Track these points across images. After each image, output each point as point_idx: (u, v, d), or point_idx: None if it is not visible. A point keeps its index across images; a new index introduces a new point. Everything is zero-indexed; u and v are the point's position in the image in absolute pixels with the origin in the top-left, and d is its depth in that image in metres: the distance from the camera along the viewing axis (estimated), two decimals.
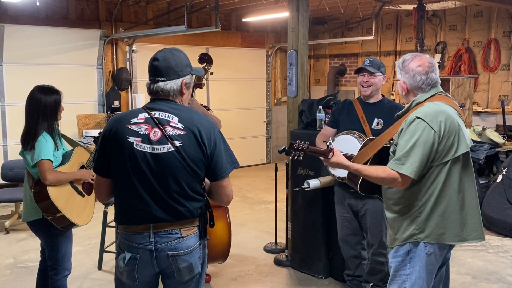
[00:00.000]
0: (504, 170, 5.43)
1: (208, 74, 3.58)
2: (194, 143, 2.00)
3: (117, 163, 2.04)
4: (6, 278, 4.10)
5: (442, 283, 2.57)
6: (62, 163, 2.91)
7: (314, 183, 3.67)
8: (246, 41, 9.01)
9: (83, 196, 3.01)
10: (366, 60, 3.37)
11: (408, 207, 2.34)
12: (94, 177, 2.97)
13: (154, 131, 2.00)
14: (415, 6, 6.88)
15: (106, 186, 2.12)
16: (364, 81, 3.32)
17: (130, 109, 7.64)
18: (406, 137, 2.26)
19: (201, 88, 3.52)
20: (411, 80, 2.38)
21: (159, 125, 2.01)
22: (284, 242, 4.54)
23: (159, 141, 1.99)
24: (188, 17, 6.28)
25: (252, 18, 8.15)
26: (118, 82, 7.47)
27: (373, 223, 3.31)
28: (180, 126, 2.01)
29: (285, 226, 4.43)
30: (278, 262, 4.35)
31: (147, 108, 2.06)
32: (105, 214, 4.20)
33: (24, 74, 6.58)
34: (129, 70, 7.63)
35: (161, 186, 2.00)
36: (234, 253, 4.52)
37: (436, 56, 7.54)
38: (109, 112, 7.16)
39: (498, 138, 5.86)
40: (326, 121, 3.77)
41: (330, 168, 3.30)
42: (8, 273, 4.20)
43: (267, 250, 4.67)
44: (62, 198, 2.83)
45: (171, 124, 2.01)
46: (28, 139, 2.82)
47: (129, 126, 2.02)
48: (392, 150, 2.37)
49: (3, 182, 5.66)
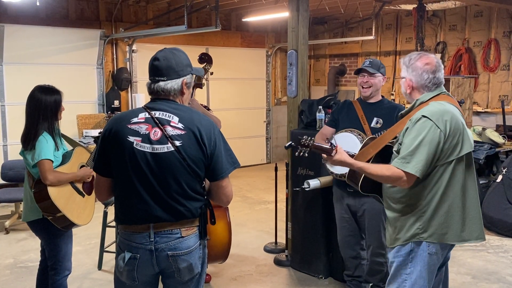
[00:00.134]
0: (504, 170, 5.43)
1: (208, 74, 3.58)
2: (194, 143, 2.00)
3: (117, 163, 2.04)
4: (6, 278, 4.10)
5: (441, 283, 2.57)
6: (62, 163, 2.91)
7: (314, 183, 3.67)
8: (246, 41, 9.01)
9: (83, 196, 3.01)
10: (366, 61, 3.38)
11: (411, 206, 2.33)
12: (92, 175, 2.99)
13: (154, 131, 2.00)
14: (415, 6, 6.88)
15: (106, 185, 2.12)
16: (364, 81, 3.33)
17: (130, 109, 7.64)
18: (412, 135, 2.25)
19: (201, 88, 3.52)
20: (419, 78, 2.37)
21: (159, 124, 2.00)
22: (284, 242, 4.54)
23: (159, 140, 1.99)
24: (188, 17, 6.28)
25: (252, 18, 8.15)
26: (118, 82, 7.47)
27: (371, 224, 3.31)
28: (180, 126, 2.01)
29: (285, 226, 4.43)
30: (278, 262, 4.35)
31: (148, 107, 2.06)
32: (105, 214, 4.20)
33: (24, 74, 6.58)
34: (129, 70, 7.63)
35: (161, 186, 2.00)
36: (234, 253, 4.52)
37: (436, 56, 7.54)
38: (109, 112, 7.16)
39: (498, 138, 5.86)
40: (326, 120, 3.78)
41: (328, 165, 3.30)
42: (8, 273, 4.21)
43: (267, 250, 4.67)
44: (62, 198, 2.83)
45: (171, 124, 2.01)
46: (28, 139, 2.82)
47: (129, 126, 2.02)
48: (396, 149, 2.36)
49: (3, 182, 5.66)
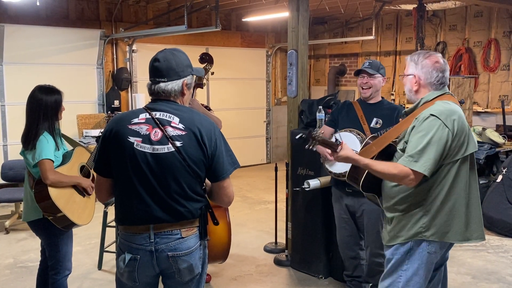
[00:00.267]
0: (504, 170, 5.43)
1: (208, 74, 3.58)
2: (195, 144, 2.00)
3: (117, 163, 2.04)
4: (6, 278, 4.10)
5: (440, 284, 2.57)
6: (62, 163, 2.91)
7: (314, 183, 3.67)
8: (246, 41, 9.01)
9: (84, 196, 3.01)
10: (366, 62, 3.39)
11: (415, 205, 2.33)
12: (93, 186, 2.98)
13: (155, 131, 2.00)
14: (415, 6, 6.88)
15: (106, 186, 2.12)
16: (363, 83, 3.34)
17: (130, 109, 7.65)
18: (420, 134, 2.24)
19: (201, 88, 3.52)
20: (428, 75, 2.37)
21: (160, 125, 2.00)
22: (284, 242, 4.54)
23: (160, 141, 1.99)
24: (188, 17, 6.28)
25: (252, 18, 8.15)
26: (118, 82, 7.47)
27: (370, 224, 3.31)
28: (180, 126, 2.01)
29: (285, 226, 4.43)
30: (278, 262, 4.35)
31: (148, 108, 2.06)
32: (105, 214, 4.20)
33: (24, 74, 6.58)
34: (129, 70, 7.63)
35: (161, 187, 2.00)
36: (234, 253, 4.52)
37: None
38: (109, 112, 7.16)
39: (498, 138, 5.86)
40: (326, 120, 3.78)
41: (327, 164, 3.29)
42: (8, 273, 4.21)
43: (267, 250, 4.67)
44: (63, 198, 2.83)
45: (172, 124, 2.01)
46: (29, 139, 2.82)
47: (129, 126, 2.02)
48: (401, 147, 2.35)
49: (3, 182, 5.67)
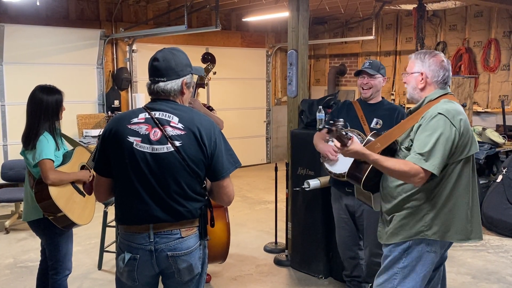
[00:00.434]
0: (504, 170, 5.43)
1: (211, 73, 3.57)
2: (194, 143, 2.00)
3: (117, 163, 2.04)
4: (6, 278, 4.10)
5: (439, 284, 2.57)
6: (62, 163, 2.91)
7: (314, 183, 3.67)
8: (246, 41, 9.01)
9: (84, 195, 3.01)
10: (366, 62, 3.37)
11: (418, 205, 2.32)
12: (92, 175, 2.98)
13: (154, 131, 2.00)
14: (415, 6, 6.88)
15: (106, 185, 2.12)
16: (364, 83, 3.32)
17: (130, 109, 7.65)
18: (428, 132, 2.23)
19: (204, 87, 3.52)
20: (436, 73, 2.37)
21: (159, 125, 2.00)
22: (284, 242, 4.54)
23: (159, 141, 1.99)
24: (188, 17, 6.28)
25: (252, 18, 8.15)
26: (118, 82, 7.47)
27: (369, 224, 3.30)
28: (180, 126, 2.00)
29: (285, 226, 4.43)
30: (278, 262, 4.35)
31: (148, 108, 2.06)
32: (105, 214, 4.20)
33: (24, 74, 6.58)
34: (129, 70, 7.63)
35: (160, 186, 2.00)
36: (234, 253, 4.53)
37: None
38: (109, 112, 7.17)
39: (498, 138, 5.86)
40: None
41: (327, 164, 3.29)
42: (8, 273, 4.21)
43: (267, 250, 4.67)
44: (63, 197, 2.83)
45: (171, 124, 2.01)
46: (29, 139, 2.82)
47: (129, 126, 2.02)
48: (407, 145, 2.34)
49: (3, 182, 5.66)
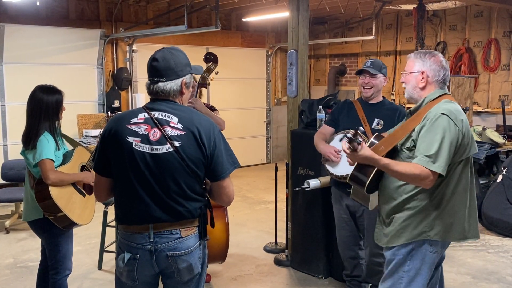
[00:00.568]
0: (504, 170, 5.43)
1: (213, 73, 3.57)
2: (194, 143, 1.99)
3: (116, 163, 2.04)
4: (6, 278, 4.10)
5: (438, 283, 2.57)
6: (63, 163, 2.91)
7: (314, 183, 3.67)
8: (246, 41, 9.01)
9: (84, 195, 3.01)
10: (368, 61, 3.32)
11: (420, 205, 2.32)
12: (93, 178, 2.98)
13: (154, 131, 2.00)
14: (415, 6, 6.87)
15: (105, 185, 2.12)
16: (365, 82, 3.29)
17: (130, 109, 7.64)
18: (433, 133, 2.21)
19: (206, 87, 3.52)
20: (437, 72, 2.37)
21: (159, 125, 2.00)
22: (284, 242, 4.54)
23: (158, 141, 1.99)
24: (188, 17, 6.28)
25: (252, 18, 8.15)
26: (118, 82, 7.47)
27: (370, 224, 3.30)
28: (179, 126, 2.00)
29: (285, 226, 4.43)
30: (278, 262, 4.35)
31: (147, 108, 2.06)
32: (105, 214, 4.20)
33: (24, 74, 6.58)
34: (129, 70, 7.63)
35: (160, 187, 2.00)
36: (234, 253, 4.53)
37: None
38: (109, 112, 7.16)
39: (498, 138, 5.85)
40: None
41: (328, 166, 3.28)
42: (8, 273, 4.21)
43: (267, 250, 4.67)
44: (63, 197, 2.83)
45: (171, 124, 2.01)
46: (29, 139, 2.82)
47: (128, 126, 2.02)
48: (409, 146, 2.33)
49: (3, 182, 5.66)
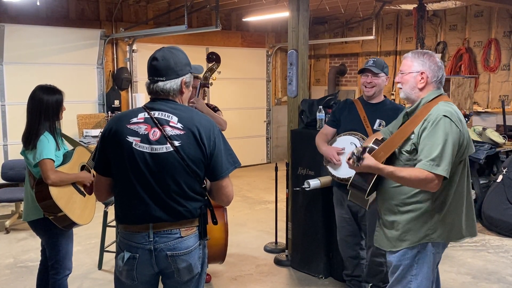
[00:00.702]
0: (504, 170, 5.42)
1: (215, 73, 3.57)
2: (193, 143, 1.99)
3: (116, 163, 2.04)
4: (6, 278, 4.10)
5: (435, 283, 2.57)
6: (63, 163, 2.91)
7: (314, 183, 3.66)
8: (246, 41, 9.01)
9: (84, 195, 3.01)
10: (370, 60, 3.29)
11: (421, 207, 2.31)
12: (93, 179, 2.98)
13: (153, 131, 2.00)
14: (416, 6, 6.87)
15: (105, 185, 2.12)
16: (367, 81, 3.26)
17: (130, 108, 7.64)
18: (435, 136, 2.20)
19: (208, 87, 3.51)
20: (436, 73, 2.37)
21: (158, 125, 2.00)
22: (284, 242, 4.54)
23: (158, 141, 1.99)
24: (188, 17, 6.28)
25: (252, 18, 8.14)
26: (119, 81, 7.48)
27: (372, 224, 3.29)
28: (179, 126, 2.00)
29: (285, 226, 4.42)
30: (278, 262, 4.34)
31: (147, 107, 2.06)
32: (105, 214, 4.20)
33: (24, 74, 6.58)
34: (129, 69, 7.63)
35: (160, 186, 2.00)
36: (234, 253, 4.53)
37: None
38: (109, 112, 7.16)
39: (498, 138, 5.85)
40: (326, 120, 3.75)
41: (330, 168, 3.28)
42: (8, 272, 4.21)
43: (267, 250, 4.67)
44: (64, 197, 2.83)
45: (171, 124, 2.01)
46: (29, 139, 2.82)
47: (128, 126, 2.02)
48: (409, 149, 2.32)
49: (3, 182, 5.66)
